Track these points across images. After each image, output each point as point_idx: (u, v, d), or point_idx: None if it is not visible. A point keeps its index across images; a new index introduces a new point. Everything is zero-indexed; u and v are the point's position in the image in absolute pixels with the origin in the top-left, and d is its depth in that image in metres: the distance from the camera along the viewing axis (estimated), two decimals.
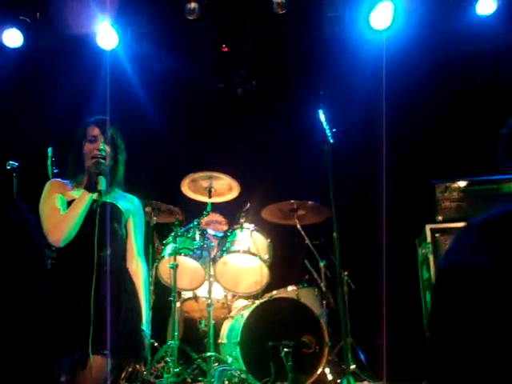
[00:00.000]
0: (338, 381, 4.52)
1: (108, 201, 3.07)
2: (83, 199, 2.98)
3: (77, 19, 5.70)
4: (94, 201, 2.99)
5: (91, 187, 3.04)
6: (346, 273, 5.16)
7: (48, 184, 3.11)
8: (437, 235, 4.19)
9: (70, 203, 3.00)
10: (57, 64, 6.00)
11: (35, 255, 1.66)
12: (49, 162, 4.17)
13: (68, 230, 2.89)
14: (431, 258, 4.18)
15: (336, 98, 5.07)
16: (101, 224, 2.91)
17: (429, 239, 4.22)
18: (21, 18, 5.76)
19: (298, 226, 5.26)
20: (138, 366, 4.68)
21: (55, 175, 4.04)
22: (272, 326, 4.53)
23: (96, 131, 3.13)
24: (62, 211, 2.97)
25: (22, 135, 5.82)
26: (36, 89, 5.98)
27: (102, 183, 3.02)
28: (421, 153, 5.91)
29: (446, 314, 1.25)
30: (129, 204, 3.23)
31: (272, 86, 6.29)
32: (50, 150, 4.20)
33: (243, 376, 4.25)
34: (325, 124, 4.30)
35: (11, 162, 4.35)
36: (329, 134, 4.22)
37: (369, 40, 5.64)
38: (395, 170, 5.49)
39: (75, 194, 3.05)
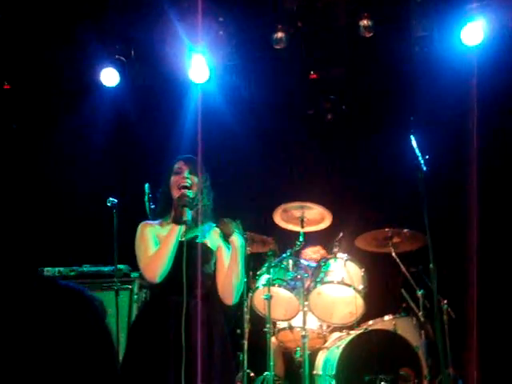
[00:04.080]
0: None
1: (196, 235, 3.12)
2: (172, 233, 3.02)
3: (169, 55, 5.93)
4: (181, 242, 3.04)
5: (178, 220, 3.08)
6: (446, 301, 4.99)
7: (140, 226, 3.20)
8: None
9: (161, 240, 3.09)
10: (151, 100, 6.24)
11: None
12: (146, 199, 4.29)
13: (162, 266, 2.96)
14: None
15: (427, 121, 4.95)
16: (189, 265, 2.97)
17: None
18: (116, 57, 6.04)
19: (394, 254, 5.14)
20: None
21: (152, 211, 4.14)
22: (368, 358, 4.44)
23: (181, 164, 3.22)
24: (154, 248, 3.05)
25: (121, 172, 6.09)
26: (133, 125, 6.26)
27: (188, 214, 3.05)
28: None
29: None
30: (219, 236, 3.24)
31: (362, 111, 6.23)
32: (147, 186, 4.31)
33: None
34: (417, 150, 4.20)
35: (111, 199, 4.57)
36: (422, 161, 4.12)
37: (459, 57, 5.48)
38: (489, 194, 5.29)
39: (165, 231, 3.12)
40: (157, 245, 3.07)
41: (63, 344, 1.73)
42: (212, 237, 3.23)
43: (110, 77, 5.99)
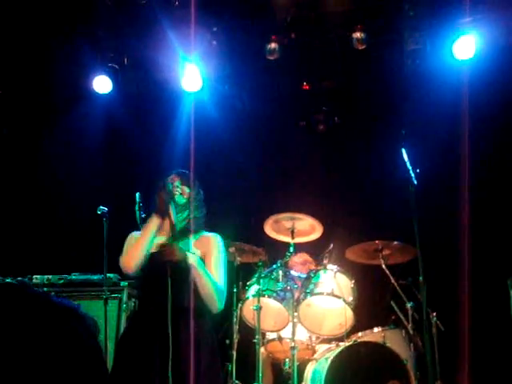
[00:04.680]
0: None
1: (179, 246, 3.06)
2: (151, 222, 3.04)
3: (162, 64, 5.94)
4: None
5: (161, 212, 3.06)
6: (435, 314, 5.00)
7: (128, 237, 3.21)
8: None
9: None
10: (143, 108, 6.24)
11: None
12: (136, 208, 4.24)
13: (138, 255, 2.97)
14: None
15: (419, 135, 4.98)
16: (174, 275, 2.94)
17: None
18: (109, 65, 6.04)
19: (383, 266, 5.15)
20: None
21: (142, 220, 4.11)
22: (357, 370, 4.43)
23: (173, 176, 3.25)
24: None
25: (112, 180, 6.07)
26: (125, 133, 6.25)
27: (172, 208, 3.06)
28: (508, 191, 5.67)
29: None
30: (203, 247, 3.18)
31: (354, 123, 6.26)
32: (137, 195, 4.26)
33: None
34: (408, 164, 4.22)
35: (101, 208, 4.55)
36: (413, 174, 4.14)
37: (451, 71, 5.52)
38: (482, 208, 5.31)
39: None
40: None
41: (55, 359, 1.74)
42: (193, 250, 3.19)
43: (102, 84, 5.99)
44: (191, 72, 5.77)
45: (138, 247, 2.99)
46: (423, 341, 4.57)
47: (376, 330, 4.89)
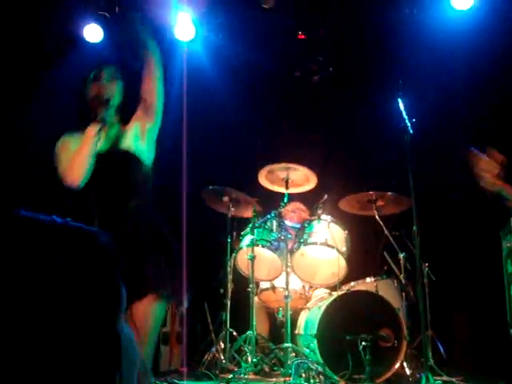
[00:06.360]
0: (417, 375, 4.44)
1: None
2: (90, 131, 2.84)
3: (154, 12, 5.80)
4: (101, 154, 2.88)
5: (95, 118, 2.90)
6: (427, 264, 5.05)
7: (58, 142, 3.02)
8: None
9: None
10: (134, 57, 6.11)
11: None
12: None
13: (83, 165, 2.81)
14: None
15: (415, 84, 4.93)
16: (115, 177, 2.88)
17: None
18: (100, 13, 5.89)
19: (377, 217, 5.16)
20: (216, 354, 4.81)
21: None
22: (349, 318, 4.48)
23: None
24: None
25: None
26: None
27: (104, 113, 2.91)
28: (507, 143, 5.65)
29: None
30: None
31: (349, 73, 6.17)
32: None
33: (320, 369, 4.25)
34: (404, 113, 4.20)
35: None
36: (408, 124, 4.12)
37: (448, 21, 5.42)
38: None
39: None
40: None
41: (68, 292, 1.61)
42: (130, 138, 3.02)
43: (93, 33, 5.86)
44: (184, 20, 5.64)
45: (82, 156, 2.80)
46: (415, 291, 4.63)
47: (368, 279, 4.95)
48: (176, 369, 5.29)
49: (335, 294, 4.68)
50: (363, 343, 4.30)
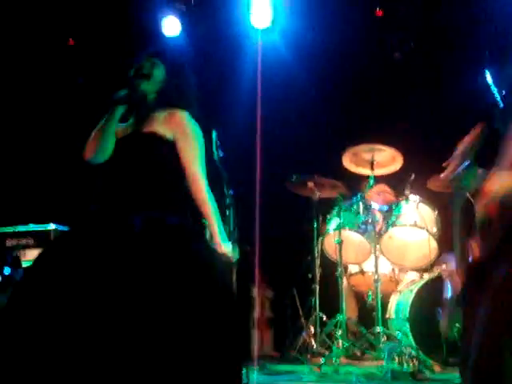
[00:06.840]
0: None
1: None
2: (110, 112, 2.61)
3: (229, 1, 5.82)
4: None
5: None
6: None
7: None
8: None
9: None
10: (213, 48, 6.14)
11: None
12: (214, 148, 3.92)
13: (98, 141, 2.60)
14: None
15: (503, 55, 4.66)
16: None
17: None
18: (176, 6, 5.96)
19: (468, 195, 4.95)
20: (307, 339, 4.80)
21: (221, 160, 3.79)
22: (441, 301, 4.36)
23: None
24: None
25: None
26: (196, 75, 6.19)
27: (138, 83, 2.65)
28: None
29: None
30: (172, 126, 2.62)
31: (432, 47, 5.93)
32: (214, 133, 3.94)
33: (414, 353, 4.17)
34: (493, 86, 4.00)
35: None
36: (498, 97, 3.92)
37: None
38: None
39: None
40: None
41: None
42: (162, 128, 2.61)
43: (171, 26, 5.94)
44: (261, 6, 5.62)
45: (99, 134, 2.61)
46: None
47: None
48: (268, 354, 5.34)
49: (427, 277, 4.56)
50: (457, 325, 4.17)
